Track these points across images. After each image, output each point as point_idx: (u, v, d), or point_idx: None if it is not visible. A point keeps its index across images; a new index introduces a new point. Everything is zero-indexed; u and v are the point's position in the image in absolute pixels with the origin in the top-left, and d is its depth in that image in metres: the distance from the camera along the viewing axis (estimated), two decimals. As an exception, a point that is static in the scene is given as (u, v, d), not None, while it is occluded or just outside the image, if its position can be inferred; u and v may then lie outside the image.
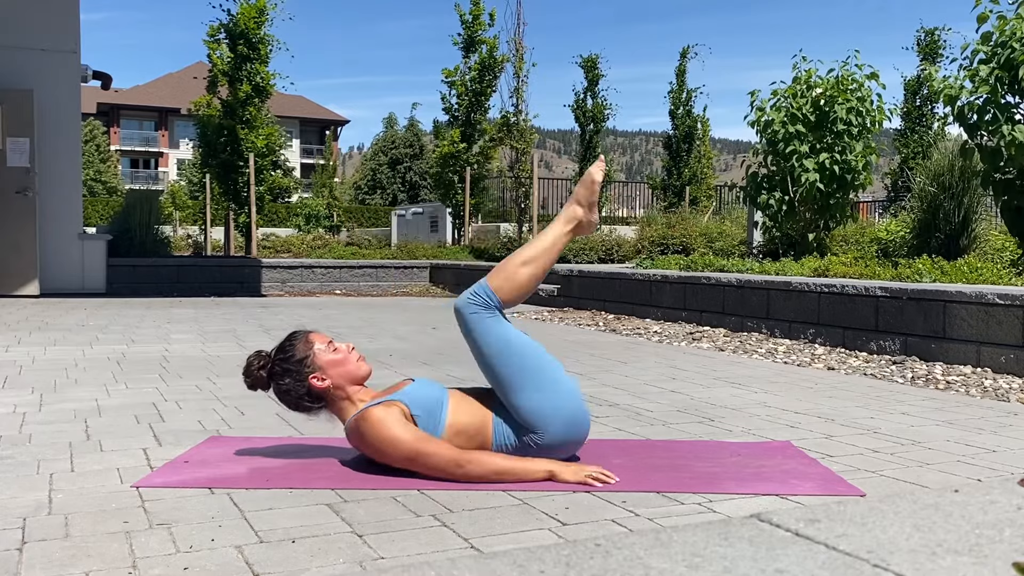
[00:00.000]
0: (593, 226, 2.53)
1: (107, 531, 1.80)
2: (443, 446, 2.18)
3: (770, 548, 1.18)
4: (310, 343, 2.35)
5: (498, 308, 2.33)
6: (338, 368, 2.32)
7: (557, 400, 2.29)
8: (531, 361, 2.30)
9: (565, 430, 2.30)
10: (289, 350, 2.35)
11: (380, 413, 2.20)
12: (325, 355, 2.33)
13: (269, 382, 2.35)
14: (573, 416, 2.31)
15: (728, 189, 20.00)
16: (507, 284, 2.33)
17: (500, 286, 2.33)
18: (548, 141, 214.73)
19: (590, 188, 2.48)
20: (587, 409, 2.38)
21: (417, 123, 48.96)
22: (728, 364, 4.58)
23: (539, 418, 2.27)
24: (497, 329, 2.31)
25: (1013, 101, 5.76)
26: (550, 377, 2.31)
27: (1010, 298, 4.09)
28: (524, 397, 2.27)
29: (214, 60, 13.20)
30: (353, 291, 10.98)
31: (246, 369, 2.37)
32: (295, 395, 2.33)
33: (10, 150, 8.95)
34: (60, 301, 8.48)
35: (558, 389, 2.30)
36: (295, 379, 2.31)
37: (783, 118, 7.44)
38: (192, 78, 25.88)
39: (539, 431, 2.27)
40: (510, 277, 2.34)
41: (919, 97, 18.04)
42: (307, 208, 26.18)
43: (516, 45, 15.26)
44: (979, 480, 2.30)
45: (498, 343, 2.29)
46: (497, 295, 2.32)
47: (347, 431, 2.31)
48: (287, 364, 2.32)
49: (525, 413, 2.27)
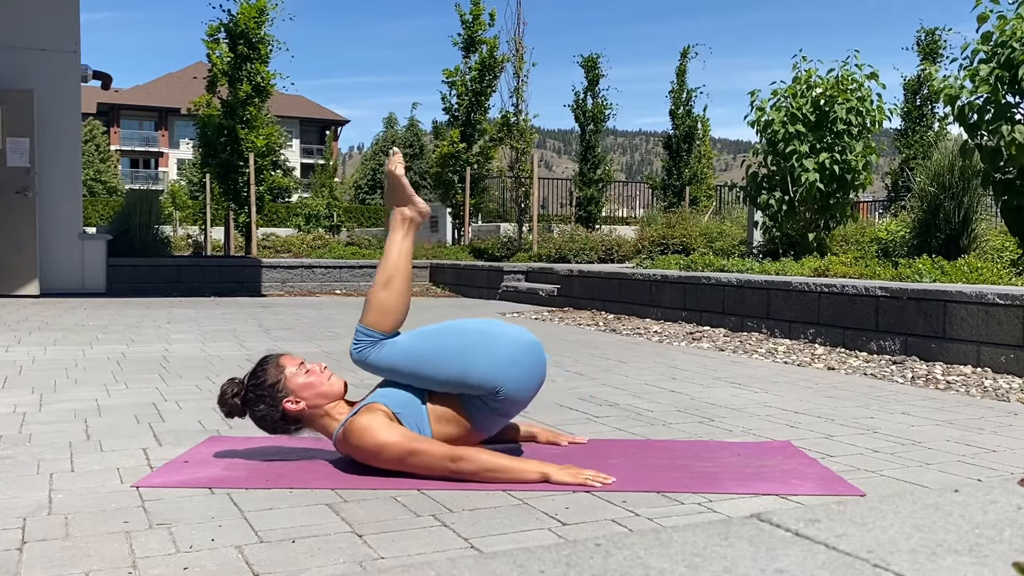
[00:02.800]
0: (424, 213, 2.50)
1: (107, 531, 1.80)
2: (434, 443, 2.19)
3: (770, 548, 1.18)
4: (281, 367, 2.35)
5: (385, 338, 2.32)
6: (311, 390, 2.32)
7: (495, 356, 2.29)
8: (454, 344, 2.30)
9: (519, 373, 2.30)
10: (261, 375, 2.34)
11: (364, 420, 2.21)
12: (297, 378, 2.33)
13: (244, 409, 2.35)
14: (515, 356, 2.31)
15: (728, 189, 19.99)
16: (380, 316, 2.32)
17: (375, 321, 2.32)
18: (548, 141, 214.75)
19: (397, 183, 2.48)
20: (531, 341, 2.37)
21: (417, 123, 48.99)
22: (728, 364, 4.58)
23: (490, 378, 2.27)
24: (401, 349, 2.31)
25: (1013, 101, 5.76)
26: (480, 343, 2.31)
27: (1010, 298, 4.09)
28: (470, 374, 2.27)
29: (214, 60, 13.20)
30: (353, 291, 10.98)
31: (220, 398, 2.36)
32: (271, 420, 2.33)
33: (10, 150, 8.95)
34: (60, 301, 8.48)
35: (492, 345, 2.30)
36: (269, 404, 2.31)
37: (783, 118, 7.44)
38: (192, 78, 25.87)
39: (497, 389, 2.28)
40: (379, 309, 2.33)
41: (919, 97, 18.04)
42: (307, 208, 26.19)
43: (516, 45, 15.26)
44: (979, 480, 2.30)
45: (412, 357, 2.29)
46: (376, 329, 2.31)
47: (335, 445, 2.32)
48: (260, 390, 2.32)
49: (478, 384, 2.27)
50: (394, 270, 2.37)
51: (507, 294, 9.58)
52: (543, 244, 11.84)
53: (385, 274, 2.37)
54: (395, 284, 2.36)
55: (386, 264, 2.39)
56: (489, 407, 2.32)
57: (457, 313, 7.73)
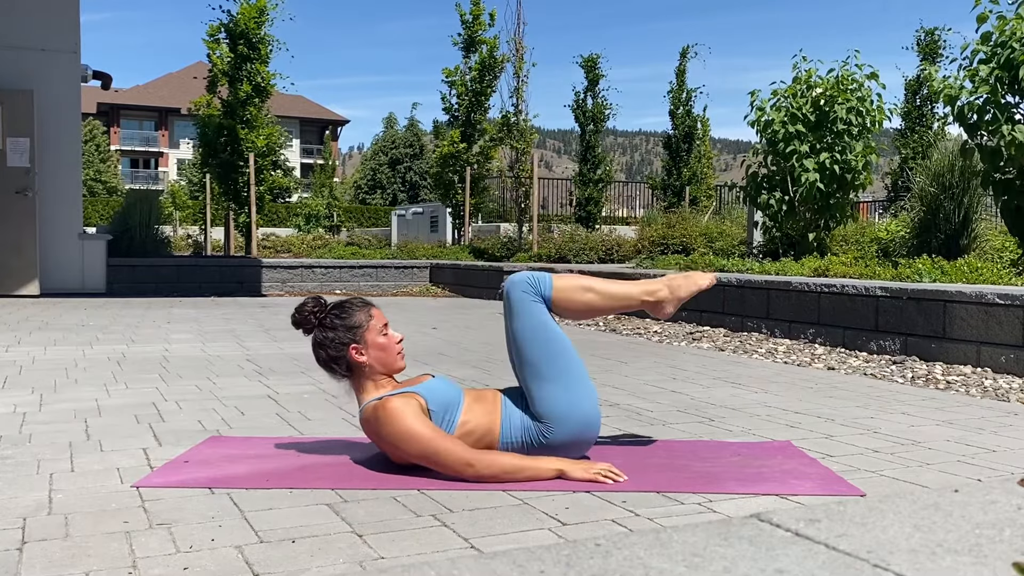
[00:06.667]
0: (663, 315, 2.58)
1: (107, 531, 1.80)
2: (458, 444, 2.19)
3: (770, 548, 1.18)
4: (369, 316, 2.36)
5: (546, 302, 2.37)
6: (380, 352, 2.33)
7: (576, 398, 2.32)
8: (561, 354, 2.33)
9: (577, 430, 2.32)
10: (348, 310, 2.35)
11: (399, 403, 2.20)
12: (376, 335, 2.33)
13: (314, 329, 2.35)
14: (586, 417, 2.33)
15: (728, 189, 19.98)
16: (565, 294, 2.38)
17: (561, 287, 2.38)
18: (548, 141, 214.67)
19: (689, 291, 2.57)
20: (599, 414, 2.40)
21: (417, 123, 49.02)
22: (728, 364, 4.58)
23: (555, 412, 2.29)
24: (539, 315, 2.35)
25: (1013, 101, 5.76)
26: (575, 374, 2.34)
27: (1010, 298, 4.09)
28: (547, 387, 2.29)
29: (214, 60, 13.20)
30: (353, 291, 10.97)
31: (299, 307, 2.36)
32: (330, 353, 2.32)
33: (10, 150, 8.95)
34: (60, 301, 8.48)
35: (580, 389, 2.33)
36: (339, 339, 2.31)
37: (783, 118, 7.44)
38: (192, 78, 25.87)
39: (551, 425, 2.29)
40: (572, 289, 2.40)
41: (919, 97, 18.03)
42: (307, 208, 26.20)
43: (516, 45, 15.25)
44: (979, 480, 2.30)
45: (535, 327, 2.33)
46: (552, 293, 2.36)
47: (362, 416, 2.30)
48: (340, 321, 2.33)
49: (542, 403, 2.29)
50: (608, 296, 2.46)
51: (507, 294, 9.56)
52: (543, 244, 11.84)
53: (603, 288, 2.45)
54: (595, 301, 2.44)
55: (611, 287, 2.47)
56: (525, 441, 2.31)
57: (457, 313, 7.72)
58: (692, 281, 2.58)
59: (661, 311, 2.57)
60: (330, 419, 3.03)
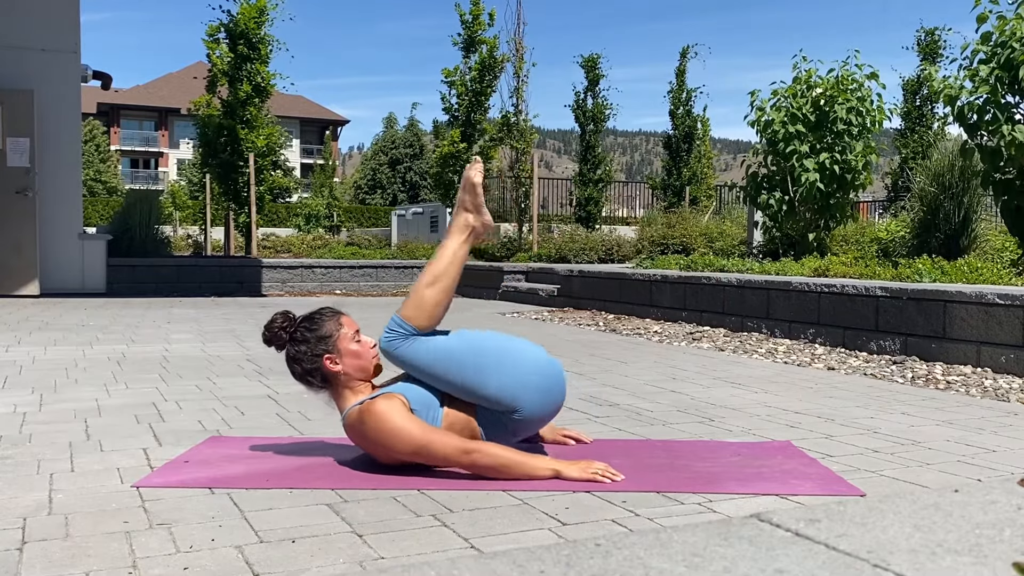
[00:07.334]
0: (488, 227, 2.51)
1: (107, 531, 1.80)
2: (449, 435, 2.20)
3: (770, 548, 1.18)
4: (339, 324, 2.35)
5: (416, 335, 2.32)
6: (355, 359, 2.32)
7: (522, 375, 2.31)
8: (475, 354, 2.31)
9: (540, 398, 2.33)
10: (318, 321, 2.35)
11: (384, 404, 2.21)
12: (348, 342, 2.33)
13: (285, 344, 2.35)
14: (542, 383, 2.34)
15: (728, 189, 19.99)
16: (417, 312, 2.33)
17: (412, 316, 2.32)
18: (548, 141, 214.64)
19: (472, 191, 2.47)
20: (550, 359, 2.39)
21: (417, 123, 49.00)
22: (728, 364, 4.58)
23: (511, 397, 2.29)
24: (428, 347, 2.31)
25: (1013, 101, 5.76)
26: (510, 358, 2.33)
27: (1010, 298, 4.09)
28: (490, 386, 2.28)
29: (214, 60, 13.19)
30: (353, 291, 10.98)
31: (268, 324, 2.36)
32: (304, 367, 2.33)
33: (10, 150, 8.95)
34: (60, 301, 8.48)
35: (520, 363, 2.33)
36: (311, 352, 2.31)
37: (783, 118, 7.44)
38: (192, 78, 25.85)
39: (515, 408, 2.30)
40: (419, 304, 2.33)
41: (919, 97, 18.03)
42: (307, 208, 26.18)
43: (516, 45, 15.26)
44: (979, 480, 2.30)
45: (436, 359, 2.29)
46: (410, 323, 2.32)
47: (346, 422, 2.31)
48: (310, 334, 2.33)
49: (496, 398, 2.29)
50: (443, 272, 2.38)
51: (507, 294, 9.58)
52: (543, 244, 11.84)
53: (433, 273, 2.38)
54: (440, 285, 2.36)
55: (436, 264, 2.40)
56: (503, 424, 2.34)
57: (457, 313, 7.73)
58: (467, 182, 2.48)
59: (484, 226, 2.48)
60: (330, 419, 3.03)
